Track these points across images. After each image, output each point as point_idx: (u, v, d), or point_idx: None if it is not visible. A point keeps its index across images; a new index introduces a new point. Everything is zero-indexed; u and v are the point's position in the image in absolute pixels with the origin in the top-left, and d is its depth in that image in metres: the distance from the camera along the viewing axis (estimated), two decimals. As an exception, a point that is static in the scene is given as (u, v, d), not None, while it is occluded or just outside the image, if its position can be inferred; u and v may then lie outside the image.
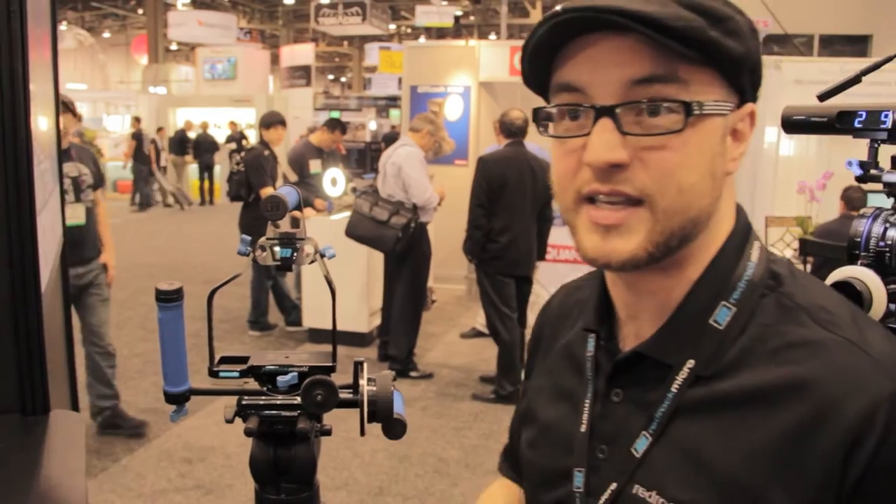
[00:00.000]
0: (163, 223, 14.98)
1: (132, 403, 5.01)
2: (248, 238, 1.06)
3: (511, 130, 5.36)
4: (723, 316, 0.77)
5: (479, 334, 6.87)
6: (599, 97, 0.75)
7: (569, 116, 0.78)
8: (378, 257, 6.04)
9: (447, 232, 7.24)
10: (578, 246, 0.80)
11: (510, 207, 5.22)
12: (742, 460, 0.71)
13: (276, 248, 1.06)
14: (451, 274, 8.51)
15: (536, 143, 5.85)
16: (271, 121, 6.80)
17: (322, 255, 1.08)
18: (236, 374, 1.06)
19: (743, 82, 0.77)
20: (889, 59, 1.12)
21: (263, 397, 1.03)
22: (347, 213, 6.03)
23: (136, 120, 17.64)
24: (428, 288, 6.90)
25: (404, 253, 5.62)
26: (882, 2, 9.54)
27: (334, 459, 4.35)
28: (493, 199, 5.20)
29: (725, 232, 0.82)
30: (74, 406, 2.37)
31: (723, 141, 0.77)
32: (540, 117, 0.81)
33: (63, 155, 4.15)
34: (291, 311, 7.05)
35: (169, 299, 1.00)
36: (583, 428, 0.86)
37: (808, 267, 4.87)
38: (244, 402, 1.03)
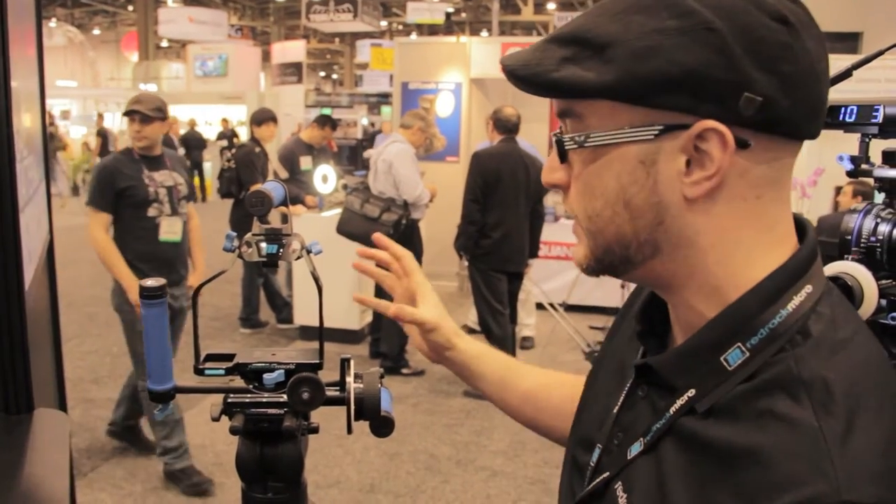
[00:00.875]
0: (154, 221, 14.93)
1: (122, 401, 4.99)
2: (234, 234, 1.05)
3: (506, 127, 5.36)
4: (734, 357, 0.72)
5: (470, 331, 6.86)
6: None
7: None
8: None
9: (439, 229, 7.24)
10: None
11: (504, 203, 5.22)
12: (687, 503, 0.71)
13: (262, 245, 1.06)
14: (442, 271, 8.50)
15: (529, 141, 5.85)
16: (262, 118, 6.79)
17: (308, 252, 1.07)
18: (222, 372, 1.05)
19: (674, 102, 0.69)
20: (879, 54, 1.11)
21: (249, 395, 1.02)
22: (338, 210, 6.01)
23: (100, 116, 17.47)
24: (419, 285, 6.87)
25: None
26: (873, 4, 9.56)
27: (325, 457, 4.33)
28: (488, 195, 5.20)
29: (760, 264, 0.74)
30: (62, 405, 2.35)
31: (642, 168, 0.72)
32: None
33: (156, 162, 4.08)
34: (283, 308, 7.04)
35: (153, 296, 0.99)
36: (615, 409, 0.88)
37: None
38: (230, 400, 1.02)
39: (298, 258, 1.05)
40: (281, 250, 1.05)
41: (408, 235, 5.60)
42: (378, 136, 12.55)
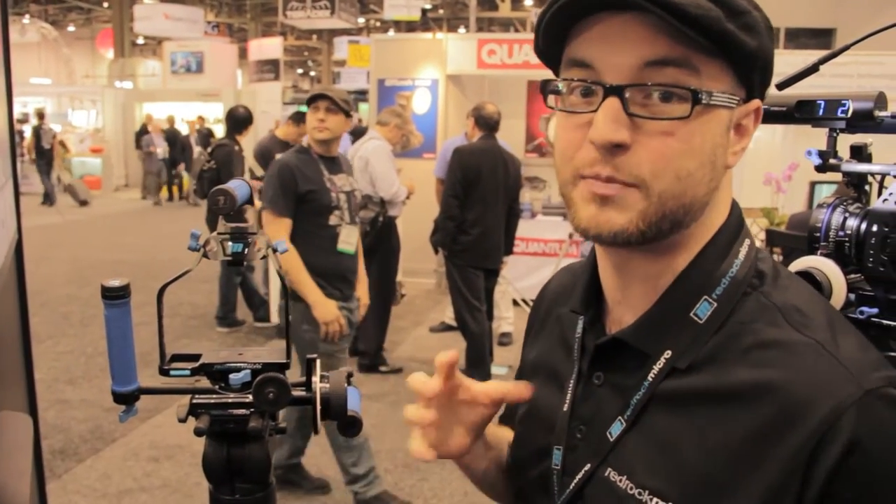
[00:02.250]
0: (131, 219, 14.83)
1: (97, 402, 4.94)
2: (199, 233, 1.04)
3: (488, 124, 5.36)
4: (703, 310, 0.78)
5: (447, 328, 6.86)
6: (610, 76, 0.75)
7: (578, 92, 0.78)
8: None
9: (416, 226, 7.22)
10: (573, 217, 0.80)
11: (483, 200, 5.22)
12: (706, 455, 0.72)
13: (227, 243, 1.04)
14: (420, 268, 8.49)
15: (504, 137, 5.85)
16: (246, 122, 6.74)
17: (274, 250, 1.06)
18: (187, 373, 1.04)
19: (753, 77, 0.77)
20: (846, 49, 1.11)
21: (214, 396, 1.01)
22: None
23: (40, 116, 17.26)
24: (397, 282, 6.87)
25: (373, 247, 5.58)
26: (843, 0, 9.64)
27: (306, 459, 4.30)
28: (467, 191, 5.20)
29: (717, 226, 0.82)
30: (32, 407, 2.32)
31: (726, 133, 0.77)
32: (548, 89, 0.82)
33: (335, 164, 3.68)
34: (260, 306, 7.00)
35: (115, 296, 0.97)
36: (565, 407, 0.89)
37: (777, 258, 4.91)
38: (194, 401, 1.00)
39: (263, 257, 1.04)
40: (246, 249, 1.04)
41: (385, 232, 5.59)
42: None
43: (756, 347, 0.73)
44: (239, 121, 6.70)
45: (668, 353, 0.78)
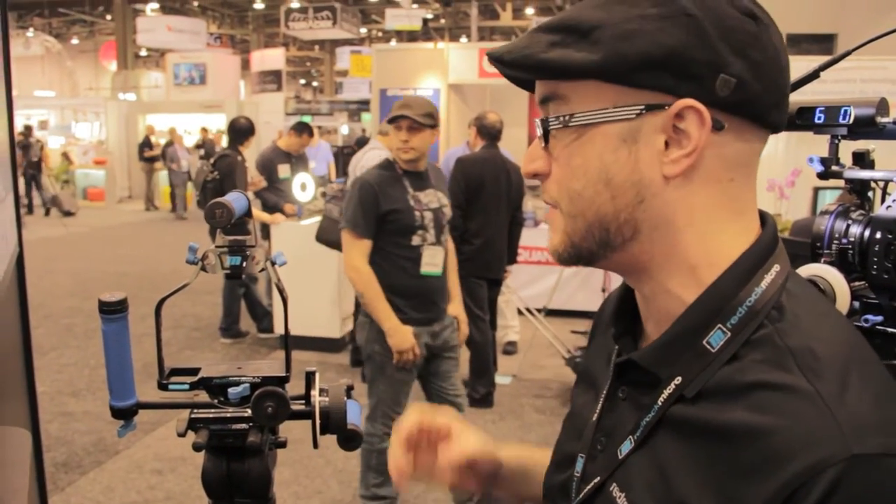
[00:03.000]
0: (133, 231, 14.84)
1: (100, 414, 4.94)
2: (196, 246, 1.03)
3: (490, 133, 5.36)
4: (717, 339, 0.75)
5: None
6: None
7: None
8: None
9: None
10: None
11: (486, 209, 5.20)
12: (695, 487, 0.72)
13: (225, 256, 1.03)
14: (424, 277, 8.47)
15: (507, 146, 5.85)
16: (248, 133, 6.75)
17: (273, 263, 1.05)
18: (186, 387, 1.03)
19: (656, 82, 0.73)
20: (846, 54, 1.10)
21: (213, 410, 1.00)
22: (318, 219, 5.98)
23: (27, 129, 17.28)
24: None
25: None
26: (847, 1, 9.64)
27: (306, 468, 4.30)
28: (470, 201, 5.18)
29: (733, 245, 0.78)
30: (34, 421, 2.31)
31: (623, 146, 0.75)
32: None
33: (421, 180, 3.49)
34: (263, 317, 6.99)
35: (113, 311, 0.97)
36: (594, 417, 0.89)
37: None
38: (193, 416, 1.00)
39: (262, 270, 1.03)
40: (244, 262, 1.03)
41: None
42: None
43: (759, 388, 0.70)
44: (240, 131, 6.69)
45: (677, 380, 0.76)
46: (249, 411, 0.97)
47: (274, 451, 1.06)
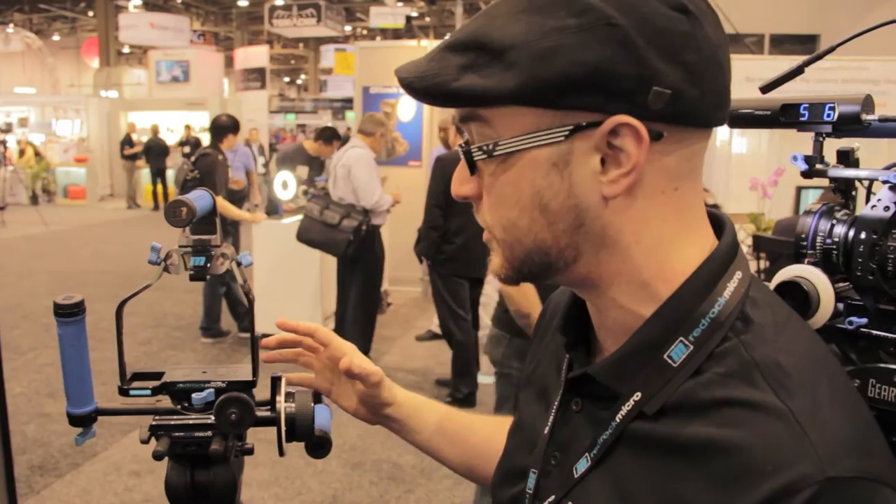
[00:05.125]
0: (114, 229, 14.73)
1: (78, 415, 4.87)
2: (159, 246, 0.99)
3: (469, 131, 5.32)
4: (678, 353, 0.71)
5: (434, 336, 6.81)
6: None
7: None
8: (331, 260, 5.96)
9: (402, 234, 7.18)
10: None
11: (466, 209, 5.10)
12: None
13: (189, 257, 1.00)
14: (406, 276, 8.44)
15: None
16: (233, 127, 6.72)
17: (238, 264, 1.01)
18: (148, 392, 0.99)
19: (582, 102, 0.67)
20: (831, 50, 1.07)
21: (175, 417, 0.96)
22: (299, 217, 5.93)
23: None
24: (383, 291, 6.83)
25: (356, 256, 5.53)
26: (829, 2, 9.69)
27: (287, 469, 4.26)
28: (450, 200, 5.13)
29: (687, 256, 0.73)
30: (3, 427, 2.26)
31: (555, 171, 0.70)
32: None
33: None
34: (244, 316, 6.93)
35: (69, 314, 0.92)
36: (546, 430, 0.85)
37: (764, 264, 4.89)
38: (154, 423, 0.96)
39: (227, 271, 0.99)
40: (209, 262, 0.99)
41: (368, 242, 5.55)
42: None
43: (725, 404, 0.66)
44: (220, 129, 6.63)
45: (637, 395, 0.72)
46: (213, 418, 0.93)
47: (241, 458, 1.02)
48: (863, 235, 0.98)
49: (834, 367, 0.73)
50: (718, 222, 0.78)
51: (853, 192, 1.09)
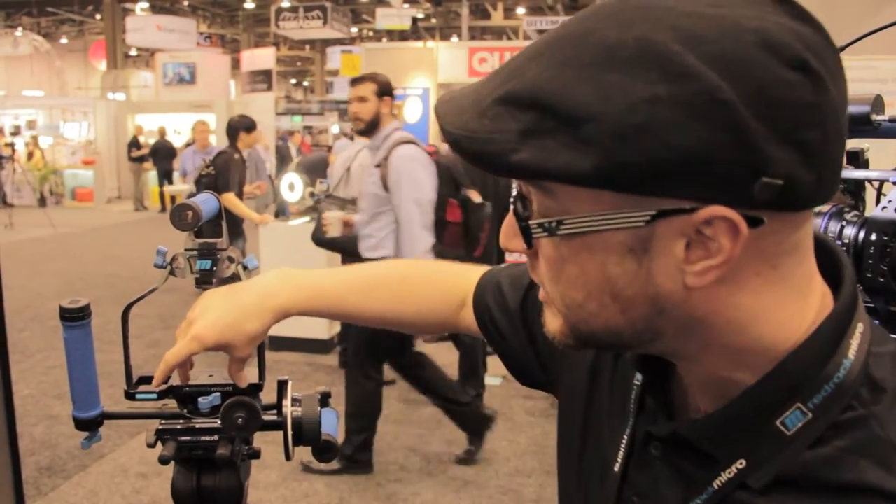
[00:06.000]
0: (122, 231, 14.76)
1: (86, 417, 4.88)
2: (165, 249, 0.99)
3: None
4: (794, 420, 0.61)
5: (441, 338, 6.79)
6: None
7: None
8: (337, 262, 5.95)
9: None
10: None
11: (472, 209, 5.16)
12: None
13: (195, 260, 0.99)
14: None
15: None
16: (251, 124, 6.77)
17: (245, 267, 1.01)
18: (154, 396, 0.99)
19: (671, 189, 0.56)
20: (839, 51, 1.07)
21: (181, 421, 0.96)
22: (306, 219, 5.93)
23: None
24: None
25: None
26: (837, 2, 9.65)
27: (294, 471, 4.25)
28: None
29: (793, 325, 0.63)
30: (10, 426, 2.27)
31: (631, 257, 0.60)
32: None
33: None
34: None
35: (75, 318, 0.92)
36: (616, 467, 0.77)
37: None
38: (160, 427, 0.96)
39: (233, 274, 0.99)
40: (215, 266, 0.99)
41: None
42: (338, 142, 12.48)
43: (859, 491, 0.58)
44: (233, 129, 6.75)
45: (741, 463, 0.63)
46: (219, 422, 0.93)
47: (247, 461, 1.02)
48: (873, 237, 0.97)
49: None
50: (836, 264, 0.68)
51: (863, 194, 1.08)
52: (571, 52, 0.57)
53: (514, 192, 0.66)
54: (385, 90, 3.98)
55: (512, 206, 0.66)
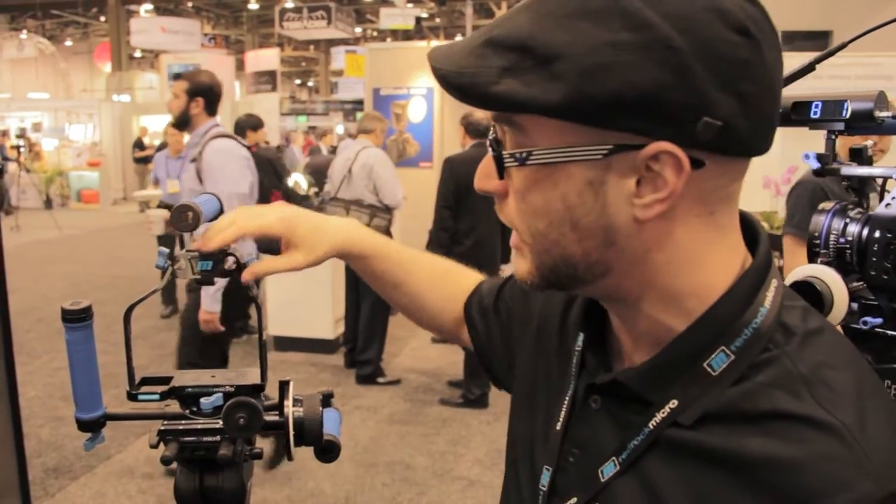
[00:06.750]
0: (127, 233, 14.77)
1: (92, 418, 4.88)
2: (167, 250, 0.99)
3: (478, 131, 5.29)
4: (719, 362, 0.70)
5: (442, 340, 6.79)
6: None
7: None
8: (341, 263, 5.96)
9: (413, 236, 7.17)
10: None
11: (476, 209, 5.15)
12: None
13: (196, 261, 0.99)
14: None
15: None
16: (258, 122, 6.80)
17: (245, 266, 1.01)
18: (157, 397, 0.99)
19: (626, 124, 0.64)
20: (843, 47, 1.06)
21: (183, 421, 0.96)
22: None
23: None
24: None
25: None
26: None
27: (299, 470, 4.26)
28: (460, 201, 5.13)
29: (719, 272, 0.72)
30: (17, 430, 2.27)
31: (589, 189, 0.67)
32: None
33: None
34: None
35: (76, 319, 0.92)
36: (558, 426, 0.84)
37: (778, 262, 4.86)
38: (162, 428, 0.95)
39: (232, 274, 0.99)
40: (216, 267, 0.99)
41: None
42: (342, 143, 12.46)
43: (773, 417, 0.66)
44: (239, 128, 6.78)
45: (673, 403, 0.71)
46: (221, 422, 0.93)
47: (250, 462, 1.02)
48: (877, 234, 0.97)
49: (872, 378, 0.72)
50: (750, 227, 0.77)
51: (867, 191, 1.08)
52: (553, 6, 0.66)
53: (490, 137, 0.74)
54: (197, 90, 3.98)
55: (489, 147, 0.73)
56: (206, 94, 4.02)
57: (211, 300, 3.78)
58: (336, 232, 1.09)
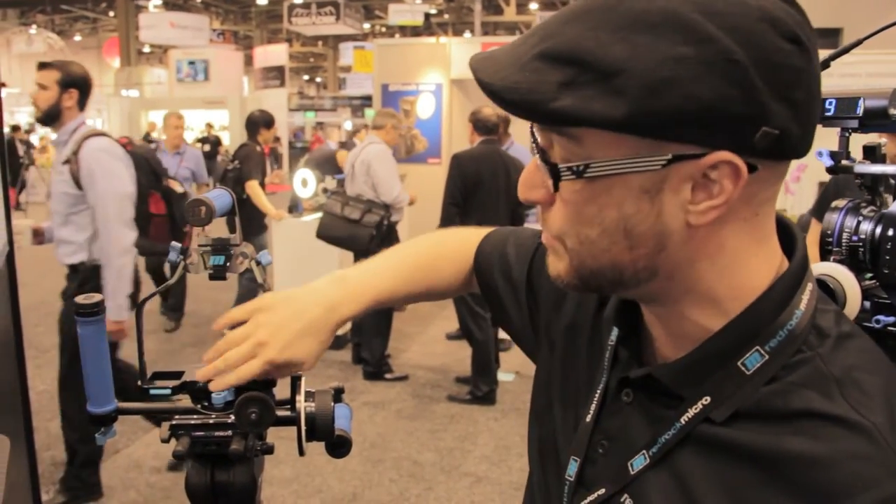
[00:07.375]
0: (136, 227, 14.80)
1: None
2: (179, 245, 0.99)
3: (486, 127, 5.28)
4: (753, 361, 0.71)
5: (457, 336, 6.79)
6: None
7: None
8: (349, 259, 5.96)
9: (421, 231, 7.15)
10: None
11: (484, 206, 5.14)
12: None
13: (208, 256, 1.00)
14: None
15: (524, 144, 5.79)
16: (270, 120, 6.80)
17: (258, 263, 1.01)
18: (168, 392, 0.99)
19: (686, 135, 0.64)
20: (857, 44, 1.06)
21: (195, 416, 0.96)
22: (318, 215, 5.94)
23: None
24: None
25: (377, 252, 5.54)
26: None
27: (307, 466, 4.27)
28: (467, 198, 5.13)
29: (757, 275, 0.73)
30: (27, 424, 2.28)
31: (646, 197, 0.68)
32: None
33: None
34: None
35: (89, 313, 0.92)
36: (588, 417, 0.85)
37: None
38: (174, 423, 0.96)
39: (246, 270, 0.99)
40: (228, 262, 0.99)
41: (387, 239, 5.54)
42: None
43: (805, 416, 0.67)
44: (252, 124, 6.76)
45: (706, 400, 0.72)
46: (233, 417, 0.93)
47: (261, 457, 1.02)
48: (890, 232, 0.97)
49: (893, 375, 0.72)
50: (787, 231, 0.78)
51: (880, 188, 1.07)
52: (602, 17, 0.65)
53: (531, 143, 0.73)
54: (71, 81, 3.59)
55: (538, 157, 0.72)
56: (80, 85, 3.64)
57: (118, 308, 3.45)
58: (331, 330, 1.02)
